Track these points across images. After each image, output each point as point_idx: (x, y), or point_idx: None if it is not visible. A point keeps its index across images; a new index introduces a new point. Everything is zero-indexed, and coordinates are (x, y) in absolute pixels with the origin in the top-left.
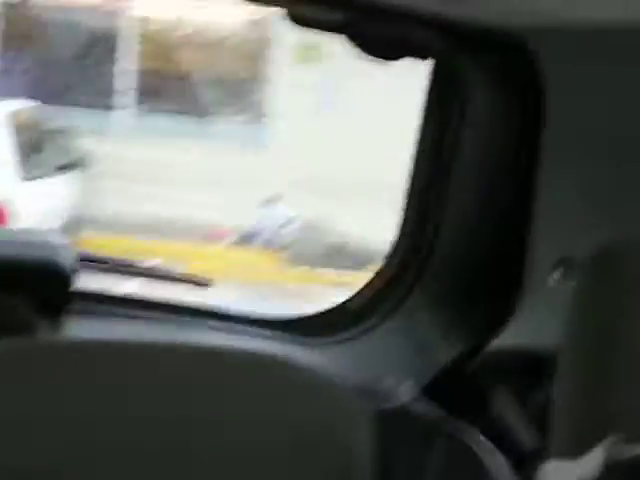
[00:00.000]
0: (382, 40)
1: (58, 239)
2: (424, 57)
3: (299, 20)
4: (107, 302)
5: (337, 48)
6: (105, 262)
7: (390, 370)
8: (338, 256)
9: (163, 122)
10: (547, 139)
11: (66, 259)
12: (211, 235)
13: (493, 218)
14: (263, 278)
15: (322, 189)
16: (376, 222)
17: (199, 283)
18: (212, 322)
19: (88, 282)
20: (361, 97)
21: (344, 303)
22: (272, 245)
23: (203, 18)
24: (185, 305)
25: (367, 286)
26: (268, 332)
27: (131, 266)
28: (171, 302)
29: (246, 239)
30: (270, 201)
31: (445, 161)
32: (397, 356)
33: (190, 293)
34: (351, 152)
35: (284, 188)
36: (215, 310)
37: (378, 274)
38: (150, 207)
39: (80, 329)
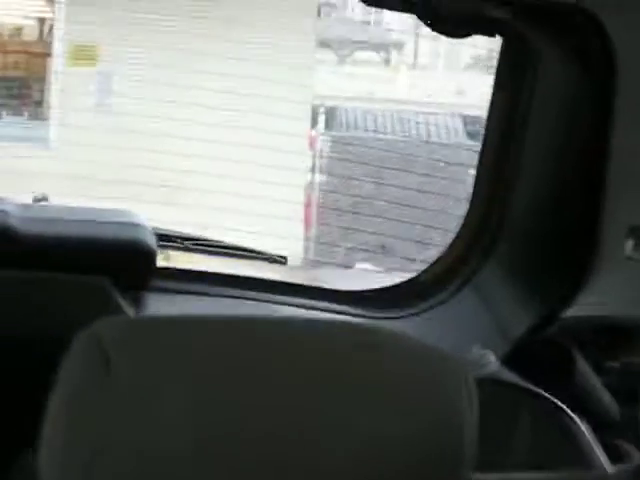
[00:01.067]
0: (452, 17)
1: (139, 218)
2: (492, 33)
3: (371, 0)
4: (188, 279)
5: (112, 49)
6: (184, 240)
7: (464, 342)
8: None
9: None
10: (617, 107)
11: (148, 238)
12: None
13: (564, 188)
14: None
15: (97, 186)
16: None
17: (275, 260)
18: (286, 297)
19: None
20: (132, 97)
21: (417, 276)
22: None
23: None
24: (259, 280)
25: (440, 259)
26: (340, 306)
27: (209, 244)
28: (245, 277)
29: None
30: (40, 196)
31: (516, 133)
32: (471, 328)
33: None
34: (122, 149)
35: (59, 186)
36: (288, 284)
37: (450, 247)
38: None
39: (163, 306)
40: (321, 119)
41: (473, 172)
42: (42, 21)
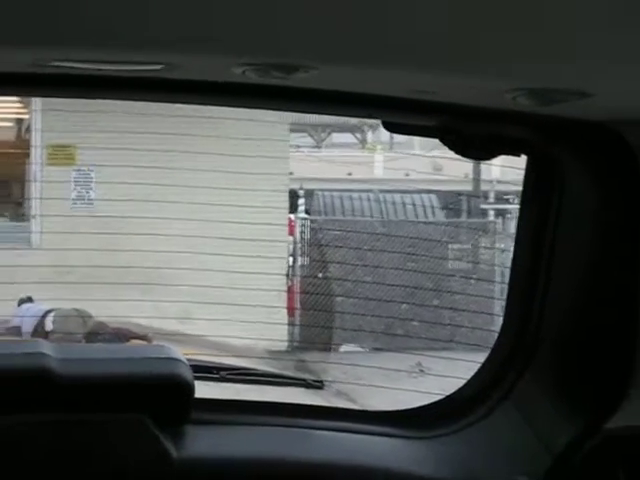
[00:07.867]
0: (476, 140)
1: (175, 353)
2: (518, 153)
3: (393, 127)
4: (224, 409)
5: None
6: (220, 370)
7: (506, 459)
8: (98, 337)
9: None
10: None
11: (185, 372)
12: None
13: (598, 301)
14: None
15: (82, 280)
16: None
17: (311, 385)
18: (323, 421)
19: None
20: (111, 191)
21: (454, 393)
22: (37, 334)
23: None
24: (294, 405)
25: (477, 375)
26: (377, 427)
27: (244, 372)
28: (279, 403)
29: (12, 330)
30: (26, 298)
31: (545, 248)
32: (512, 444)
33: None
34: (102, 243)
35: (47, 280)
36: (325, 408)
37: (486, 364)
38: None
39: (202, 439)
40: (300, 202)
41: (453, 247)
42: (19, 122)
